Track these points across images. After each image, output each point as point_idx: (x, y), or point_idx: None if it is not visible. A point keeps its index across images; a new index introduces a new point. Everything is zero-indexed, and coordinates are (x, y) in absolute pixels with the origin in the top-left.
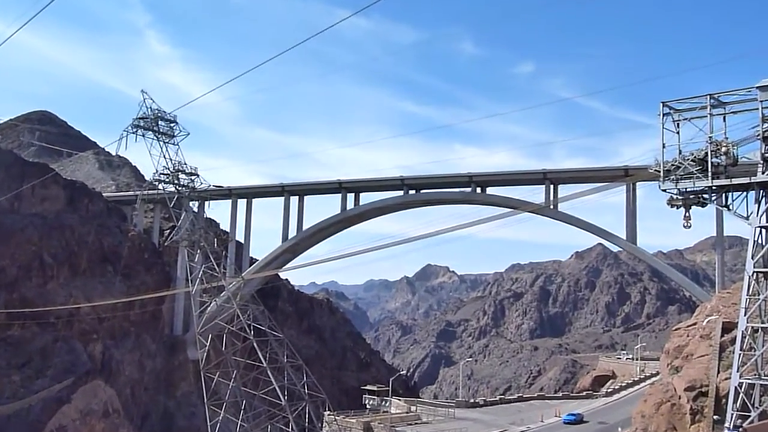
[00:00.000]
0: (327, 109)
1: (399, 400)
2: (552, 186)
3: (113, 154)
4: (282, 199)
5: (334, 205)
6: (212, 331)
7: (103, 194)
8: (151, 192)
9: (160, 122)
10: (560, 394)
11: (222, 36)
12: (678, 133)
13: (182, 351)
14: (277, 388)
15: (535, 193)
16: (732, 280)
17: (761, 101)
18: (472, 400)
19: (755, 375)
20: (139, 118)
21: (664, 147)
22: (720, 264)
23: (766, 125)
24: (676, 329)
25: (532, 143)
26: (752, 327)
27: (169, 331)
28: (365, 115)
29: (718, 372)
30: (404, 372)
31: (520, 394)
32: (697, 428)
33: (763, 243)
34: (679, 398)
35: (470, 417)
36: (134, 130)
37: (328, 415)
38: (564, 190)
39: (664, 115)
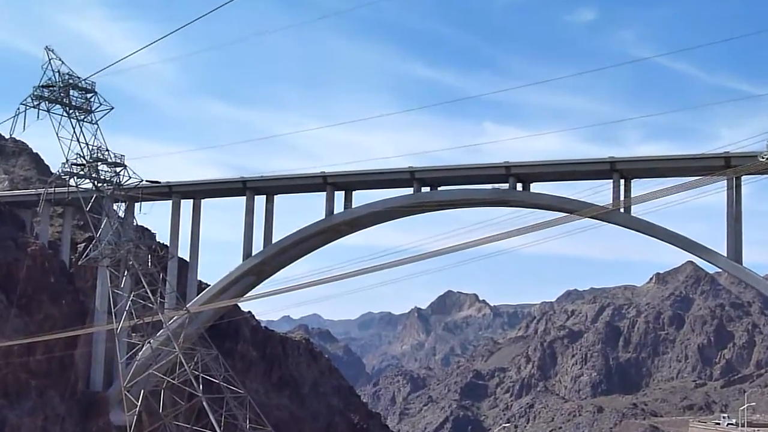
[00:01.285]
0: (307, 74)
1: None
2: (623, 181)
3: (6, 137)
4: (243, 199)
5: (317, 208)
6: (145, 385)
7: None
8: (59, 190)
9: (72, 92)
10: None
11: None
12: None
13: (103, 413)
14: None
15: (599, 192)
16: None
17: None
18: None
19: None
20: (43, 87)
21: None
22: None
23: None
24: None
25: (593, 121)
26: None
27: (85, 385)
28: (360, 82)
29: None
30: None
31: None
32: None
33: None
34: None
35: None
36: (35, 103)
37: None
38: (639, 186)
39: None
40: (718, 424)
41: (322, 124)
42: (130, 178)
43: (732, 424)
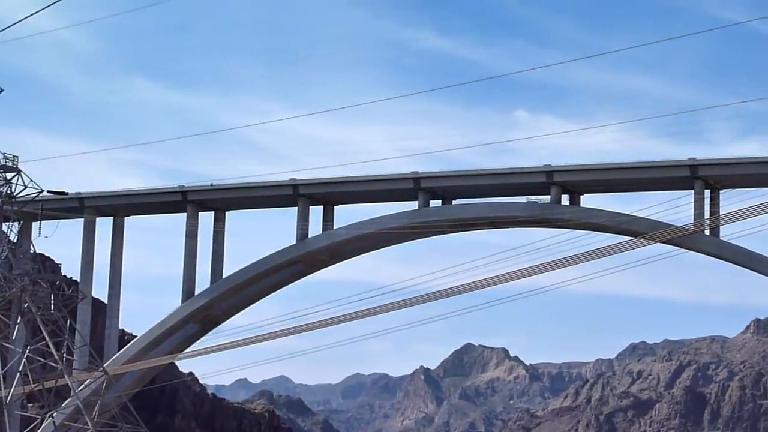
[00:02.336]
0: (271, 45)
1: None
2: (708, 191)
3: None
4: (183, 216)
5: (286, 230)
6: None
7: None
8: None
9: None
10: None
11: None
12: None
13: None
14: None
15: (677, 207)
16: None
17: None
18: None
19: None
20: None
21: None
22: None
23: None
24: None
25: (668, 109)
26: None
27: None
28: (344, 56)
29: None
30: None
31: None
32: None
33: None
34: None
35: None
36: None
37: None
38: (731, 200)
39: None
40: None
41: (292, 114)
42: (26, 187)
43: None
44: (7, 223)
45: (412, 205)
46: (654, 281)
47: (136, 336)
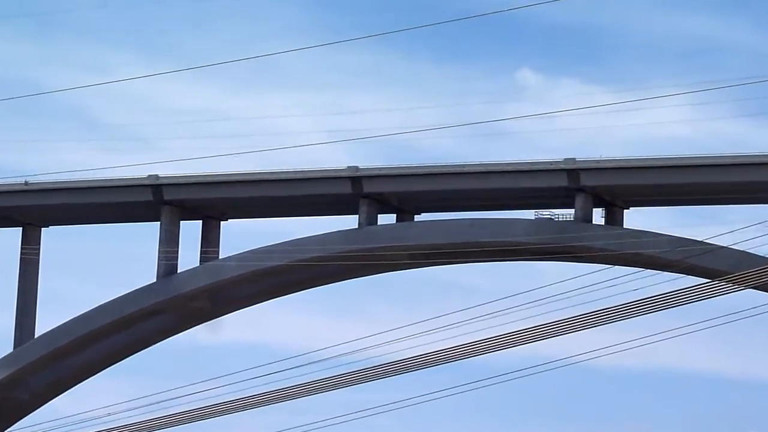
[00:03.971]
0: None
1: None
2: None
3: None
4: None
5: (143, 258)
6: None
7: None
8: None
9: None
10: None
11: None
12: None
13: None
14: None
15: None
16: None
17: None
18: None
19: None
20: None
21: None
22: None
23: None
24: None
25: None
26: None
27: None
28: None
29: None
30: None
31: None
32: None
33: None
34: None
35: None
36: None
37: None
38: None
39: None
40: None
41: (153, 69)
42: None
43: None
44: None
45: (350, 222)
46: (746, 354)
47: None
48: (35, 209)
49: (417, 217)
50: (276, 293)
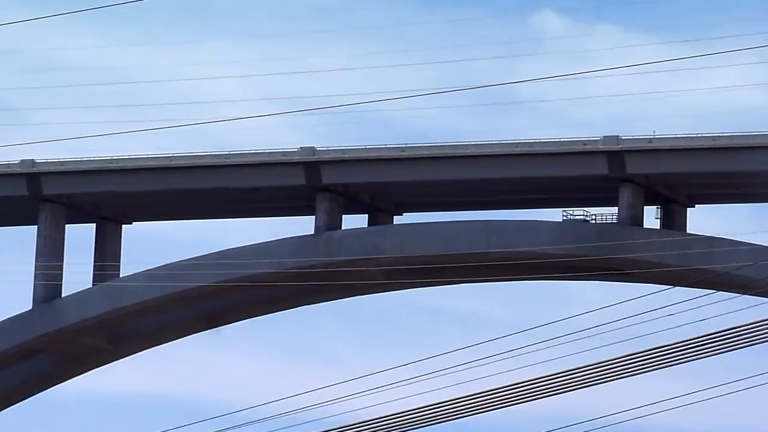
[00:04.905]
0: None
1: None
2: None
3: None
4: None
5: (14, 282)
6: None
7: None
8: None
9: None
10: None
11: None
12: None
13: None
14: None
15: None
16: None
17: None
18: None
19: None
20: None
21: None
22: None
23: None
24: None
25: None
26: None
27: None
28: None
29: None
30: None
31: None
32: None
33: None
34: None
35: None
36: None
37: None
38: None
39: None
40: None
41: (26, 13)
42: None
43: None
44: None
45: (305, 225)
46: None
47: None
48: None
49: (397, 219)
50: (198, 326)
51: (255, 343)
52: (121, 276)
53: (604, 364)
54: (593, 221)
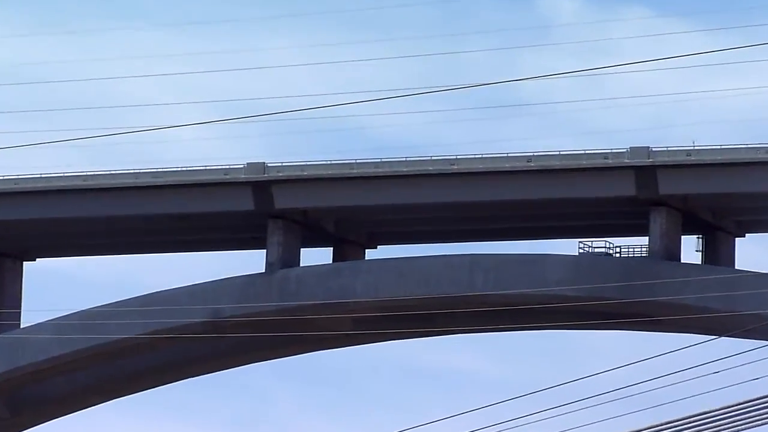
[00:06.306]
0: None
1: None
2: None
3: None
4: None
5: None
6: None
7: None
8: None
9: None
10: None
11: None
12: None
13: None
14: None
15: None
16: None
17: None
18: None
19: None
20: None
21: None
22: None
23: None
24: None
25: None
26: None
27: None
28: None
29: None
30: None
31: None
32: None
33: None
34: None
35: None
36: None
37: None
38: None
39: None
40: None
41: None
42: None
43: None
44: None
45: (254, 260)
46: None
47: None
48: None
49: (369, 253)
50: (118, 389)
51: (188, 412)
52: (22, 326)
53: None
54: (617, 254)
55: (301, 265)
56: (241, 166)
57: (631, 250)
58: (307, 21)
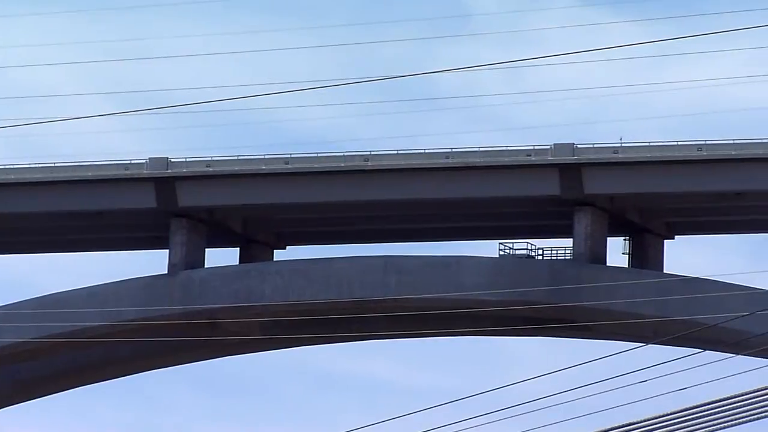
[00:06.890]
0: None
1: None
2: None
3: None
4: None
5: None
6: None
7: None
8: None
9: None
10: None
11: None
12: None
13: None
14: None
15: None
16: None
17: None
18: None
19: None
20: None
21: None
22: None
23: None
24: None
25: None
26: None
27: None
28: None
29: None
30: None
31: None
32: None
33: None
34: None
35: None
36: None
37: None
38: None
39: None
40: None
41: None
42: None
43: None
44: None
45: (156, 261)
46: None
47: None
48: None
49: (278, 254)
50: (11, 396)
51: (84, 420)
52: None
53: None
54: (540, 257)
55: (206, 266)
56: (144, 161)
57: (555, 252)
58: (222, 7)
